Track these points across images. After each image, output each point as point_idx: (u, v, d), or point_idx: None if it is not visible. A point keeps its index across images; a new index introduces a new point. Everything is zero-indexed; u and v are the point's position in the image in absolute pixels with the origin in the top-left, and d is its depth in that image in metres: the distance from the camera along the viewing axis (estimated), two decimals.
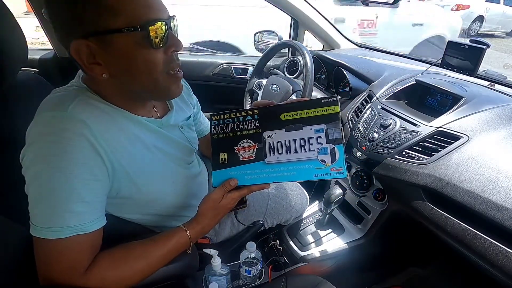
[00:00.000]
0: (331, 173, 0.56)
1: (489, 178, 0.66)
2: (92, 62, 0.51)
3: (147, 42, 0.50)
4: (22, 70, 0.77)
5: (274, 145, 0.58)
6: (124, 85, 0.56)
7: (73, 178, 0.49)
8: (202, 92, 1.15)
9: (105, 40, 0.49)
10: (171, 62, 0.55)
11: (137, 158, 0.59)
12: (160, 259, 0.58)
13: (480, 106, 0.81)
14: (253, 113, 0.60)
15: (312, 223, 1.08)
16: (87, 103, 0.53)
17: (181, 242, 0.60)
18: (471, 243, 0.67)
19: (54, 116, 0.50)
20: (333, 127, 0.56)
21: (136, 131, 0.60)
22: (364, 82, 1.16)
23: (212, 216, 0.63)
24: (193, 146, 0.78)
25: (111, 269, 0.54)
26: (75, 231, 0.50)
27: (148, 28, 0.49)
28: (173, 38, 0.54)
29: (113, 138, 0.54)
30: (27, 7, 5.55)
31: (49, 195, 0.49)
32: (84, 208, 0.51)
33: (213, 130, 0.62)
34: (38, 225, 0.49)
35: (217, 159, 0.61)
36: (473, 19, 7.25)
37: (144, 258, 0.56)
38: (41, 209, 0.49)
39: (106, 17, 0.47)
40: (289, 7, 1.44)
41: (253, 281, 0.85)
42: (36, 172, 0.49)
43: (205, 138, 0.94)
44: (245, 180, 0.59)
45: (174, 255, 0.60)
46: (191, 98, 0.84)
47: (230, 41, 2.69)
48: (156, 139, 0.64)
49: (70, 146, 0.49)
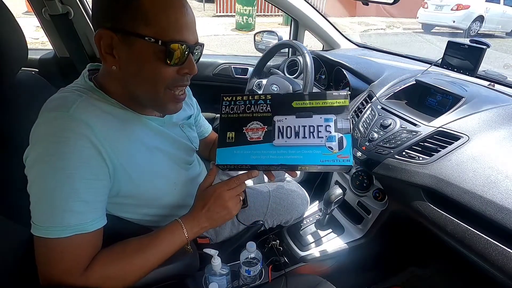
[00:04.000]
0: (337, 160, 0.56)
1: (489, 178, 0.66)
2: (109, 52, 0.53)
3: (163, 57, 0.52)
4: (22, 70, 0.77)
5: (283, 129, 0.59)
6: (129, 84, 0.57)
7: (74, 178, 0.50)
8: (202, 92, 1.16)
9: (129, 40, 0.51)
10: (178, 81, 0.58)
11: (138, 158, 0.59)
12: (158, 253, 0.58)
13: (480, 106, 0.81)
14: (266, 97, 0.62)
15: (312, 223, 1.08)
16: (89, 104, 0.54)
17: (176, 233, 0.60)
18: (471, 243, 0.67)
19: (56, 117, 0.51)
20: (342, 118, 0.57)
21: (137, 131, 0.60)
22: (364, 82, 1.16)
23: (201, 205, 0.62)
24: (194, 145, 0.78)
25: (110, 265, 0.54)
26: (75, 230, 0.50)
27: (169, 46, 0.51)
28: (190, 62, 0.57)
29: (115, 138, 0.55)
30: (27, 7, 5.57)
31: (50, 194, 0.49)
32: (85, 207, 0.51)
33: (223, 110, 0.63)
34: (39, 224, 0.49)
35: (224, 137, 0.61)
36: (473, 19, 7.25)
37: (142, 252, 0.56)
38: (42, 209, 0.50)
39: (139, 23, 0.50)
40: (289, 7, 1.45)
41: (253, 281, 0.85)
42: (38, 172, 0.50)
43: (204, 140, 0.94)
44: (250, 159, 0.59)
45: (172, 250, 0.60)
46: (191, 99, 0.85)
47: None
48: (158, 139, 0.65)
49: (71, 147, 0.49)
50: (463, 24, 7.25)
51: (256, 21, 7.80)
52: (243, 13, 7.52)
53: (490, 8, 7.34)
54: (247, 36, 6.99)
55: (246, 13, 7.52)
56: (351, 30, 7.92)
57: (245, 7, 7.44)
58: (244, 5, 7.41)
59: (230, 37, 7.06)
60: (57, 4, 1.28)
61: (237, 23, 7.73)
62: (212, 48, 6.13)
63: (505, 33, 7.86)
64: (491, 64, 2.83)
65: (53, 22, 1.34)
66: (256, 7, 7.71)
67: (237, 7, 7.56)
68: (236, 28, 7.76)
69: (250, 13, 7.56)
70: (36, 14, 1.35)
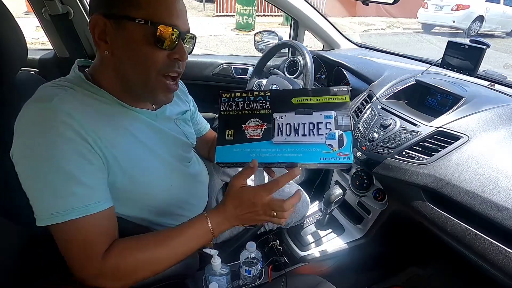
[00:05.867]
0: (337, 158, 0.56)
1: (489, 178, 0.66)
2: (102, 38, 0.55)
3: (153, 39, 0.53)
4: (22, 70, 0.77)
5: (282, 126, 0.58)
6: (120, 70, 0.57)
7: (68, 163, 0.50)
8: (202, 92, 1.16)
9: (120, 24, 0.53)
10: (169, 67, 0.58)
11: (129, 151, 0.59)
12: (179, 248, 0.56)
13: (480, 106, 0.81)
14: (265, 94, 0.61)
15: (312, 223, 1.08)
16: (74, 96, 0.54)
17: (201, 229, 0.57)
18: (471, 243, 0.67)
19: (40, 108, 0.51)
20: (343, 114, 0.57)
21: (126, 124, 0.60)
22: (364, 82, 1.16)
23: (235, 205, 0.58)
24: (190, 141, 0.77)
25: (126, 256, 0.53)
26: (80, 212, 0.50)
27: (158, 27, 0.53)
28: (181, 48, 0.57)
29: (101, 130, 0.54)
30: (27, 7, 5.57)
31: (48, 183, 0.49)
32: (85, 190, 0.51)
33: (222, 107, 0.62)
34: (43, 214, 0.49)
35: (223, 135, 0.60)
36: (473, 19, 7.26)
37: (161, 246, 0.55)
38: (43, 198, 0.50)
39: (130, 7, 0.52)
40: (289, 7, 1.45)
41: (253, 281, 0.85)
42: (30, 164, 0.50)
43: (202, 138, 0.93)
44: (249, 157, 0.58)
45: (195, 244, 0.58)
46: (186, 97, 0.85)
47: None
48: (148, 132, 0.64)
49: (58, 135, 0.49)
50: (463, 24, 7.26)
51: (256, 21, 7.81)
52: (243, 13, 7.52)
53: (490, 8, 7.35)
54: (247, 36, 6.99)
55: (246, 13, 7.53)
56: (351, 30, 7.93)
57: (245, 7, 7.45)
58: (244, 5, 7.42)
59: (230, 37, 7.06)
60: (57, 4, 1.28)
61: (237, 23, 7.73)
62: (212, 48, 6.13)
63: (505, 33, 7.87)
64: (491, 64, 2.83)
65: (53, 22, 1.34)
66: (256, 7, 7.72)
67: (237, 7, 7.56)
68: (236, 28, 7.76)
69: (250, 13, 7.56)
70: (36, 14, 1.35)
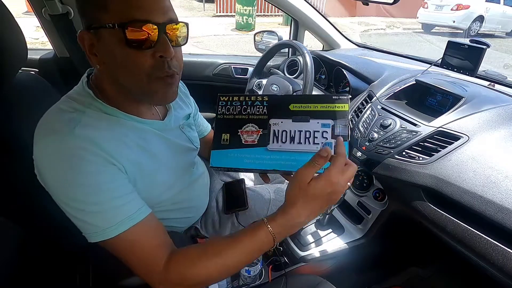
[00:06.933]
0: None
1: (489, 178, 0.66)
2: (92, 52, 0.53)
3: (125, 41, 0.49)
4: (22, 70, 0.77)
5: (278, 133, 0.58)
6: (114, 81, 0.56)
7: (104, 183, 0.51)
8: (202, 92, 1.16)
9: (98, 34, 0.51)
10: (160, 68, 0.53)
11: (141, 164, 0.59)
12: (239, 257, 0.54)
13: (480, 106, 0.80)
14: (262, 99, 0.60)
15: (312, 223, 1.08)
16: (90, 121, 0.54)
17: (262, 236, 0.53)
18: (471, 243, 0.67)
19: (63, 140, 0.50)
20: (341, 123, 0.56)
21: (138, 140, 0.60)
22: (364, 82, 1.16)
23: (302, 203, 0.51)
24: (195, 145, 0.77)
25: (188, 267, 0.53)
26: (129, 222, 0.52)
27: (125, 28, 0.48)
28: (163, 43, 0.51)
29: (118, 148, 0.55)
30: (27, 7, 5.57)
31: (91, 205, 0.51)
32: (124, 201, 0.53)
33: (219, 110, 0.62)
34: (96, 231, 0.51)
35: (219, 139, 0.60)
36: (473, 19, 7.26)
37: (220, 257, 0.54)
38: (91, 219, 0.51)
39: (101, 13, 0.49)
40: (289, 7, 1.45)
41: (253, 281, 0.85)
42: (70, 192, 0.51)
43: (204, 139, 0.94)
44: (243, 163, 0.58)
45: (257, 251, 0.55)
46: (188, 98, 0.84)
47: None
48: (159, 145, 0.64)
49: (87, 161, 0.50)
50: (463, 24, 7.26)
51: (256, 21, 7.81)
52: (243, 13, 7.53)
53: (490, 8, 7.35)
54: (247, 36, 6.99)
55: (246, 13, 7.53)
56: (351, 30, 7.93)
57: (245, 7, 7.45)
58: (244, 5, 7.42)
59: (230, 37, 7.07)
60: (57, 4, 1.28)
61: (237, 23, 7.74)
62: (212, 48, 6.13)
63: (505, 33, 7.87)
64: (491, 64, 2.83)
65: (53, 22, 1.34)
66: (256, 7, 7.72)
67: (237, 7, 7.56)
68: (236, 28, 7.76)
69: (250, 13, 7.57)
70: (36, 14, 1.34)
